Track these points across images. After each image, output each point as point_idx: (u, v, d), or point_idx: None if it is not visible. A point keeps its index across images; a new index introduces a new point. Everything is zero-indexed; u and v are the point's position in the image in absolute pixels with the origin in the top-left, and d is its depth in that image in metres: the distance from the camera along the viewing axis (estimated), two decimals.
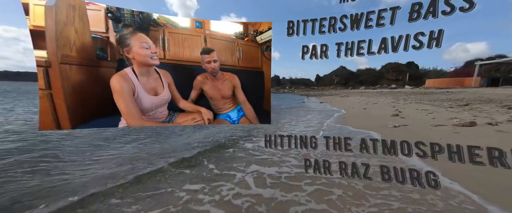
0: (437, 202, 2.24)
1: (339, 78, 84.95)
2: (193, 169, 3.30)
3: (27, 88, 36.55)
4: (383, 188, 2.51)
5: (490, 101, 10.80)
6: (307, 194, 2.50)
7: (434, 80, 49.34)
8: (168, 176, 3.01)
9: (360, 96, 23.26)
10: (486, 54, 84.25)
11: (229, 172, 3.17)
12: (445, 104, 10.51)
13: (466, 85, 37.02)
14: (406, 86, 52.45)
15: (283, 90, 70.78)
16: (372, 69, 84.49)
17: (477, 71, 39.65)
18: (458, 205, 2.20)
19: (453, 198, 2.31)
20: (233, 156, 3.95)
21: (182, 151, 4.18)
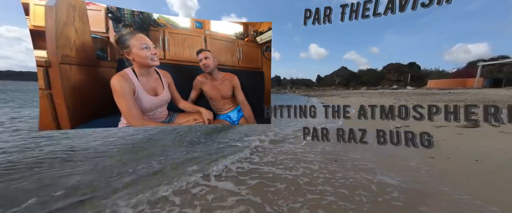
0: (363, 198, 2.29)
1: (340, 79, 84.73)
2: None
3: (28, 87, 36.78)
4: (320, 184, 2.59)
5: (493, 102, 10.72)
6: (250, 187, 2.56)
7: (436, 81, 49.11)
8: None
9: (361, 97, 23.18)
10: (487, 55, 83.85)
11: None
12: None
13: (469, 86, 36.81)
14: (408, 86, 52.25)
15: (284, 91, 70.71)
16: (373, 69, 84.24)
17: (479, 72, 39.41)
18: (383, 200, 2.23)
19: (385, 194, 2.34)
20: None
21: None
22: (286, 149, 4.18)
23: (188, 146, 4.37)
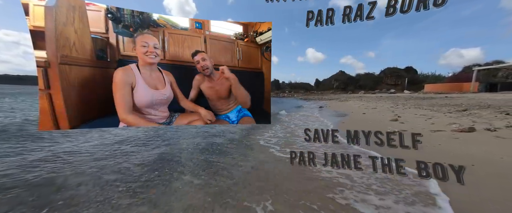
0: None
1: (339, 83, 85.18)
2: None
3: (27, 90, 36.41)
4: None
5: (489, 106, 10.83)
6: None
7: (432, 85, 49.52)
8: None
9: (360, 101, 23.30)
10: (480, 59, 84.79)
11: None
12: (444, 109, 10.53)
13: (465, 90, 37.16)
14: (405, 91, 52.66)
15: (283, 94, 70.84)
16: (371, 73, 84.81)
17: (475, 76, 39.86)
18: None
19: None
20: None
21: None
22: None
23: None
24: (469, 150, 4.00)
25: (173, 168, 3.18)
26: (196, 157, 3.77)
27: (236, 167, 3.25)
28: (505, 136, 4.87)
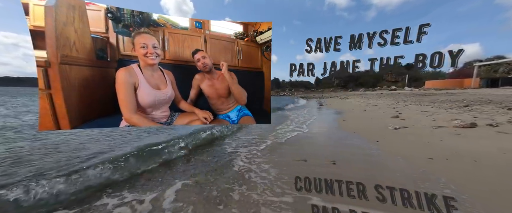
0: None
1: (339, 80, 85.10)
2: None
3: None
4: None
5: (490, 102, 10.80)
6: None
7: (433, 81, 49.43)
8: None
9: (360, 98, 23.26)
10: (479, 55, 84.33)
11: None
12: (445, 106, 10.51)
13: (466, 86, 37.06)
14: (406, 87, 52.53)
15: (283, 93, 70.74)
16: (371, 70, 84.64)
17: (476, 72, 39.73)
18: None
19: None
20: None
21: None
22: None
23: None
24: (471, 146, 3.99)
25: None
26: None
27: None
28: (507, 131, 4.86)
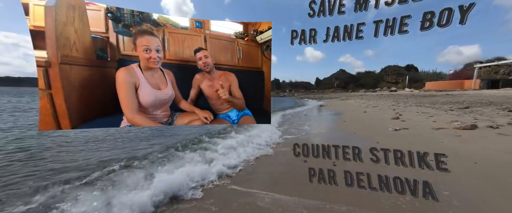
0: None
1: (339, 81, 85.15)
2: None
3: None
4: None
5: (491, 103, 10.79)
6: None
7: (433, 82, 49.41)
8: None
9: (360, 99, 23.27)
10: (479, 56, 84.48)
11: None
12: (445, 107, 10.49)
13: (466, 88, 37.02)
14: (406, 89, 52.51)
15: (283, 94, 70.75)
16: (371, 72, 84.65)
17: (476, 73, 39.71)
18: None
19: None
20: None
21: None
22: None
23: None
24: (471, 148, 3.98)
25: None
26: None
27: None
28: (507, 133, 4.85)
